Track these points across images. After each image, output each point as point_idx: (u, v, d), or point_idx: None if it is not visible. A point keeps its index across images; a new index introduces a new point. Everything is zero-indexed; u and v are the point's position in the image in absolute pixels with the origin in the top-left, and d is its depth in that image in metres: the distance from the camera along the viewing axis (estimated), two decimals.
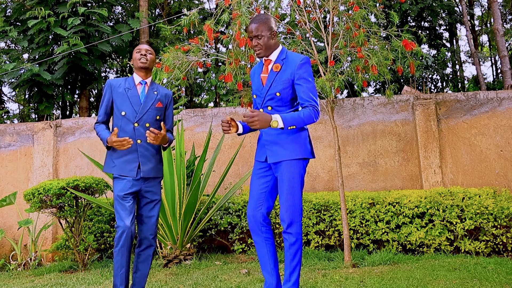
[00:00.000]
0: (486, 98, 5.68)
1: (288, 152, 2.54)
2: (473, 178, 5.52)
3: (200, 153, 5.54)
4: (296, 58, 2.58)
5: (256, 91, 2.71)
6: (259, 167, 2.68)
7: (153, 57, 2.96)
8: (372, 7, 4.17)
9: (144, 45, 3.03)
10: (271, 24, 2.61)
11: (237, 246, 4.89)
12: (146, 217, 2.86)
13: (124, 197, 2.77)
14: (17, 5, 8.94)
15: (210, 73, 10.85)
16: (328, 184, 5.76)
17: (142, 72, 2.93)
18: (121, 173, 2.80)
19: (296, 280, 2.54)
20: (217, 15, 4.27)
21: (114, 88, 2.90)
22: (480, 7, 14.48)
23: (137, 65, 2.91)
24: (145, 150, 2.86)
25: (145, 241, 2.86)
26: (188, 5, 11.02)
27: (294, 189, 2.53)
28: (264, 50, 2.60)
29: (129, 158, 2.82)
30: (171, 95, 3.04)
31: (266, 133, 2.62)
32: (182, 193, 4.42)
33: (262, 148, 2.65)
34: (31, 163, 6.12)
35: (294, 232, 2.52)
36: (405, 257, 4.20)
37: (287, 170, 2.53)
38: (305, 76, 2.54)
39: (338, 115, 5.88)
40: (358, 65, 4.20)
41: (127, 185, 2.79)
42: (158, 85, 3.02)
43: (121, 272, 2.74)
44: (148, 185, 2.87)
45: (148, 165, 2.85)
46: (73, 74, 9.32)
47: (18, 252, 5.26)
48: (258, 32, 2.57)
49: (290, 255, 2.53)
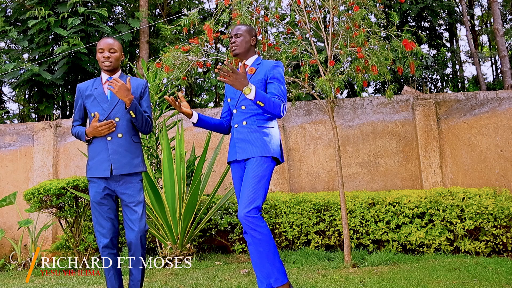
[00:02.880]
0: (486, 98, 5.68)
1: (259, 149, 2.57)
2: (473, 178, 5.52)
3: (200, 153, 5.54)
4: (269, 62, 2.76)
5: (231, 94, 2.80)
6: (236, 169, 2.72)
7: (117, 54, 2.76)
8: (372, 7, 4.17)
9: (107, 40, 2.76)
10: (253, 32, 2.78)
11: (237, 246, 4.89)
12: (128, 221, 2.68)
13: (99, 202, 2.68)
14: (17, 5, 8.93)
15: (210, 73, 10.85)
16: (328, 184, 5.76)
17: (109, 72, 2.79)
18: (95, 175, 2.68)
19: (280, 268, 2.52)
20: (217, 15, 4.27)
21: (82, 91, 2.81)
22: (480, 7, 14.48)
23: (101, 67, 2.76)
24: (116, 146, 2.69)
25: (132, 246, 2.69)
26: (188, 5, 11.01)
27: (256, 186, 2.49)
28: (239, 49, 2.73)
29: (101, 158, 2.68)
30: (144, 82, 2.86)
31: (238, 131, 2.67)
32: (182, 193, 4.42)
33: (234, 147, 2.69)
34: (31, 163, 6.12)
35: (258, 227, 2.47)
36: (405, 257, 4.20)
37: (254, 168, 2.53)
38: (278, 77, 2.67)
39: (338, 115, 5.88)
40: (358, 65, 4.19)
41: (99, 189, 2.68)
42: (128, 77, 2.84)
43: (109, 276, 2.74)
44: (123, 186, 2.69)
45: (121, 161, 2.67)
46: (73, 74, 9.32)
47: (18, 252, 5.26)
48: (239, 31, 2.74)
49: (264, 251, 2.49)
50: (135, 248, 2.68)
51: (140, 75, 5.34)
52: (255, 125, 2.63)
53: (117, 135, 2.71)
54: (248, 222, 2.46)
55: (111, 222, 2.73)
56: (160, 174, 4.81)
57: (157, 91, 5.13)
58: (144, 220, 2.70)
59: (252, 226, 2.46)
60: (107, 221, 2.71)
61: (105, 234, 2.70)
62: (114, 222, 2.74)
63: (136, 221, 2.66)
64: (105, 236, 2.70)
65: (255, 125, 2.63)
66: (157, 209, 4.44)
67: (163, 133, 4.40)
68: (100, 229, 2.70)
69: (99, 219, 2.71)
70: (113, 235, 2.73)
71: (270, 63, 2.72)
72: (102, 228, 2.70)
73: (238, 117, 2.70)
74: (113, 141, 2.70)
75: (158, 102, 5.24)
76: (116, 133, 2.71)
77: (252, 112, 2.65)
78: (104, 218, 2.70)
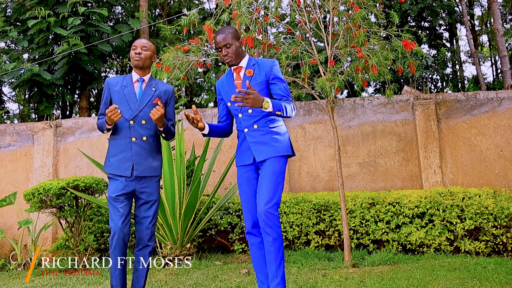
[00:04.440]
0: (486, 98, 5.68)
1: (275, 149, 2.62)
2: (473, 178, 5.52)
3: (200, 153, 5.54)
4: (266, 61, 2.75)
5: (229, 98, 2.76)
6: (246, 171, 2.72)
7: (149, 53, 2.83)
8: (372, 7, 4.18)
9: (142, 40, 2.88)
10: (237, 33, 2.75)
11: (237, 246, 4.89)
12: (142, 218, 2.78)
13: (116, 198, 2.71)
14: (17, 5, 8.93)
15: (210, 73, 10.85)
16: (328, 184, 5.76)
17: (139, 70, 2.84)
18: (116, 172, 2.74)
19: (283, 274, 2.53)
20: (217, 15, 4.28)
21: (111, 86, 2.85)
22: (480, 7, 14.48)
23: (132, 63, 2.84)
24: (140, 148, 2.77)
25: (141, 242, 2.79)
26: (188, 5, 11.01)
27: (275, 182, 2.56)
28: (235, 58, 2.71)
29: (124, 157, 2.75)
30: (172, 90, 2.94)
31: (250, 135, 2.68)
32: (182, 193, 4.42)
33: (247, 151, 2.69)
34: (31, 163, 6.12)
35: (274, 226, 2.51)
36: (405, 257, 4.20)
37: (272, 166, 2.59)
38: (279, 76, 2.70)
39: (338, 115, 5.88)
40: (358, 65, 4.20)
41: (120, 186, 2.73)
42: (158, 81, 2.93)
43: (116, 273, 2.74)
44: (143, 185, 2.78)
45: (143, 164, 2.76)
46: (73, 74, 9.32)
47: (18, 252, 5.26)
48: (226, 41, 2.69)
49: (274, 250, 2.51)
50: (145, 243, 2.78)
51: None
52: (267, 127, 2.66)
53: (142, 138, 2.78)
54: (268, 218, 2.48)
55: (124, 219, 2.73)
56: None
57: None
58: (156, 218, 2.84)
59: (270, 223, 2.48)
60: (120, 218, 2.71)
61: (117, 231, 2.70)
62: (127, 220, 2.76)
63: (150, 218, 2.78)
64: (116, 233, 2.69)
65: (266, 127, 2.66)
66: None
67: None
68: (113, 225, 2.71)
69: (114, 215, 2.72)
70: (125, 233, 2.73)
71: (267, 62, 2.72)
72: (115, 225, 2.70)
73: (247, 121, 2.70)
74: (137, 143, 2.77)
75: None
76: (141, 136, 2.78)
77: (260, 115, 2.66)
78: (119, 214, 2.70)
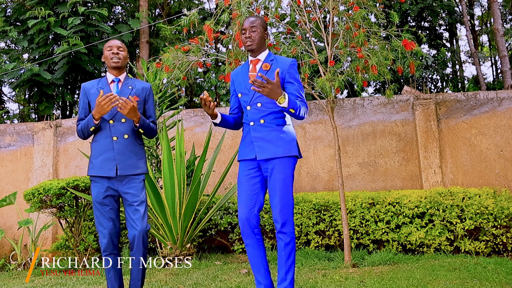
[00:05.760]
0: (486, 98, 5.68)
1: (281, 149, 2.52)
2: (473, 178, 5.52)
3: (200, 153, 5.54)
4: (285, 59, 2.65)
5: (243, 89, 2.67)
6: (248, 168, 2.62)
7: (125, 53, 2.82)
8: (372, 7, 4.17)
9: (115, 41, 2.86)
10: (266, 25, 2.67)
11: (237, 246, 4.89)
12: (131, 220, 2.69)
13: (101, 202, 2.69)
14: (17, 5, 8.94)
15: (210, 73, 10.85)
16: (328, 184, 5.76)
17: (115, 71, 2.81)
18: (99, 174, 2.69)
19: (292, 278, 2.53)
20: (217, 15, 4.28)
21: (87, 90, 2.81)
22: (480, 7, 14.48)
23: (109, 64, 2.78)
24: (122, 147, 2.71)
25: (134, 245, 2.70)
26: (188, 5, 11.01)
27: (287, 189, 2.54)
28: (255, 44, 2.60)
29: (107, 157, 2.70)
30: (149, 87, 2.90)
31: (255, 129, 2.58)
32: (182, 193, 4.42)
33: (250, 145, 2.60)
34: (31, 163, 6.12)
35: (288, 232, 2.53)
36: (405, 257, 4.20)
37: (281, 169, 2.52)
38: (296, 77, 2.60)
39: (338, 115, 5.88)
40: (358, 65, 4.19)
41: (102, 189, 2.69)
42: (134, 80, 2.88)
43: (110, 276, 2.74)
44: (126, 186, 2.71)
45: (126, 162, 2.70)
46: (73, 74, 9.32)
47: (18, 252, 5.26)
48: (254, 24, 2.59)
49: (285, 255, 2.52)
50: (137, 247, 2.69)
51: (140, 75, 5.34)
52: (274, 124, 2.56)
53: (123, 136, 2.73)
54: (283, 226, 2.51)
55: (112, 222, 2.73)
56: (160, 174, 4.81)
57: (157, 91, 5.13)
58: (146, 219, 2.72)
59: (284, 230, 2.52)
60: (108, 221, 2.71)
61: (105, 234, 2.71)
62: (115, 223, 2.75)
63: (138, 220, 2.67)
64: (105, 237, 2.71)
65: (273, 124, 2.56)
66: (157, 209, 4.44)
67: (163, 133, 4.40)
68: (101, 229, 2.71)
69: (101, 219, 2.71)
70: (114, 236, 2.73)
71: (286, 60, 2.61)
72: (103, 228, 2.71)
73: (254, 115, 2.59)
74: (119, 141, 2.72)
75: (158, 102, 5.24)
76: (122, 134, 2.72)
77: (269, 110, 2.56)
78: (105, 218, 2.71)
